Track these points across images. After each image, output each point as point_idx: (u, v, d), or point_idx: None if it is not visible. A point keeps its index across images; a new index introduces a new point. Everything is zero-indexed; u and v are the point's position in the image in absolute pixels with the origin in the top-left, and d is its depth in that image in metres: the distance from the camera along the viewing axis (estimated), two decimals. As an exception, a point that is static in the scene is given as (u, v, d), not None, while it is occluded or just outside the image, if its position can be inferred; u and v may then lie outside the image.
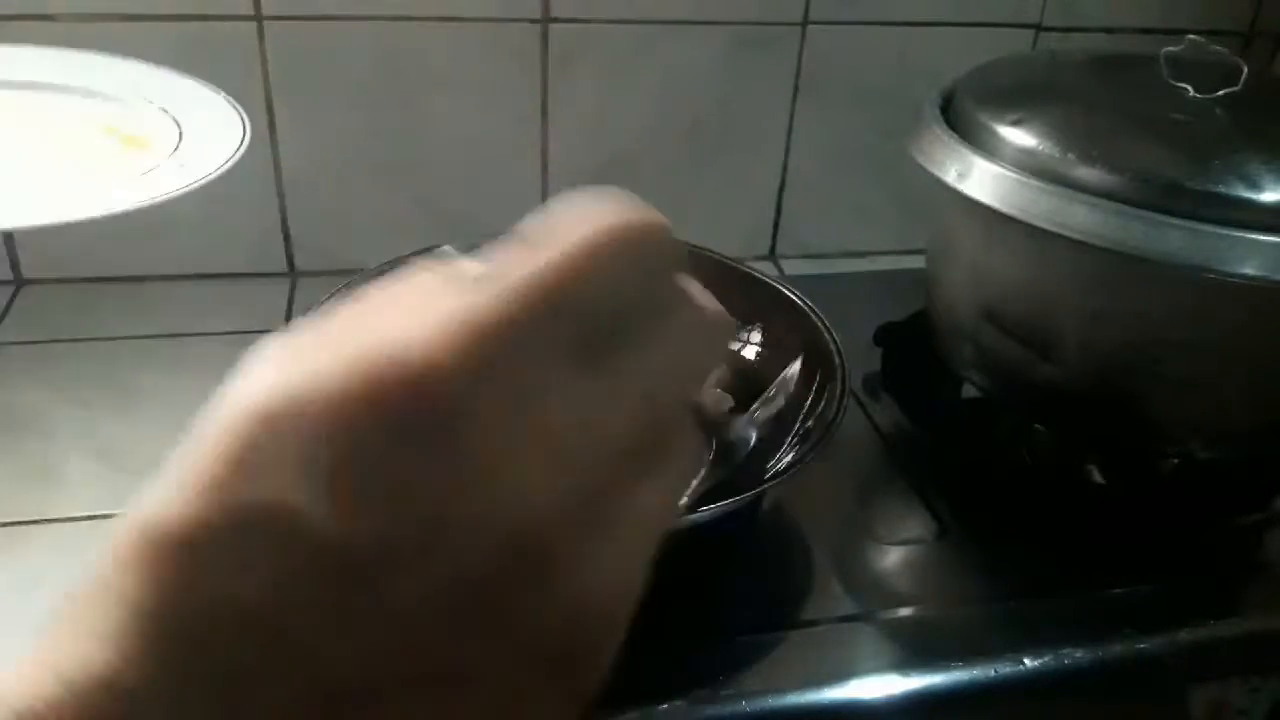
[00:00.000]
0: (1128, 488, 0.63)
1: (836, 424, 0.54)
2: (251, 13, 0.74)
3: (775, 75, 0.85)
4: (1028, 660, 0.51)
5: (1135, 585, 0.56)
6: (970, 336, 0.64)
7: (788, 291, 0.66)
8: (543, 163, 0.84)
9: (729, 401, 0.61)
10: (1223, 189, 0.51)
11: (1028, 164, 0.56)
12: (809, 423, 0.58)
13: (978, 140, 0.59)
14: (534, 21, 0.78)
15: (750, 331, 0.67)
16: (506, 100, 0.81)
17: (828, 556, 0.57)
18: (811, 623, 0.53)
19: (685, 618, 0.52)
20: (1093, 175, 0.54)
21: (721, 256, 0.69)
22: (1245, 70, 0.58)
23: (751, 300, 0.67)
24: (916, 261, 0.73)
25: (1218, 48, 0.60)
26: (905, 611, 0.55)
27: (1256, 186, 0.51)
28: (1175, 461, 0.63)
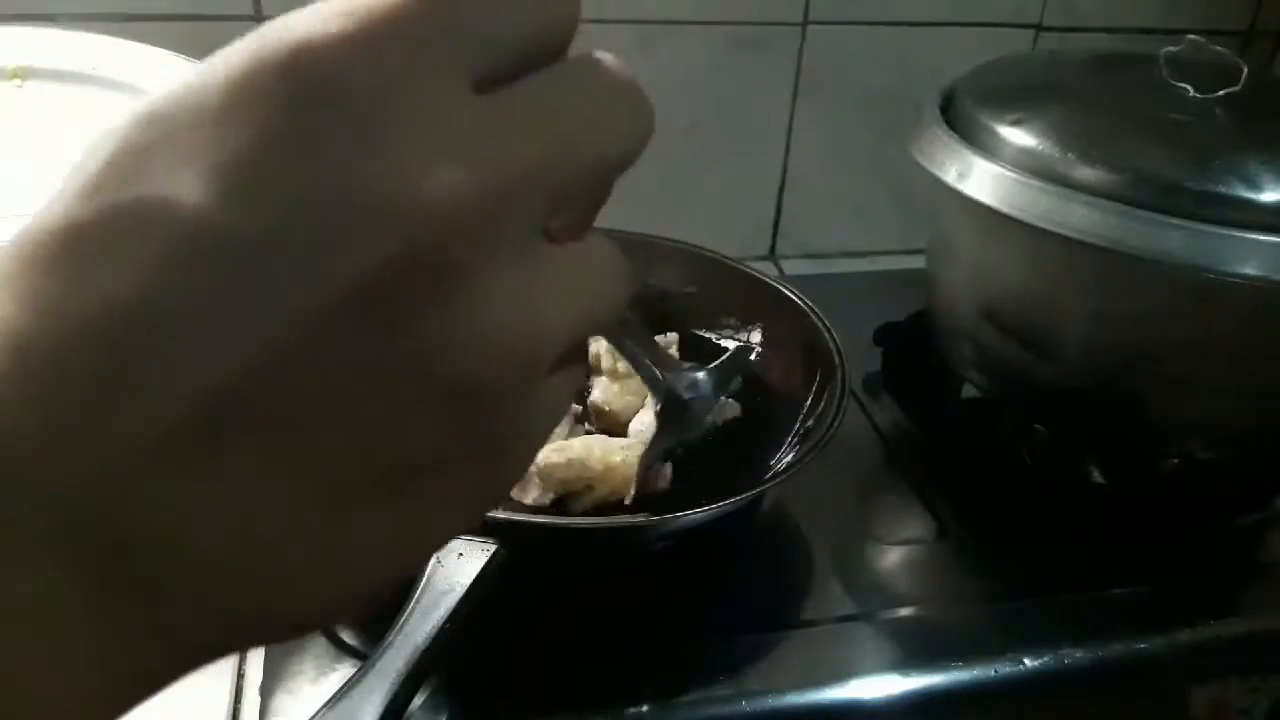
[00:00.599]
0: (1128, 488, 0.63)
1: (836, 424, 0.54)
2: (251, 13, 0.74)
3: (775, 75, 0.85)
4: (1028, 660, 0.51)
5: (1135, 585, 0.56)
6: (970, 336, 0.64)
7: (788, 291, 0.66)
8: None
9: (735, 409, 0.61)
10: (1223, 189, 0.51)
11: (1027, 164, 0.56)
12: (809, 423, 0.58)
13: (978, 140, 0.59)
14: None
15: (750, 331, 0.67)
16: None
17: (828, 556, 0.57)
18: (811, 623, 0.53)
19: (685, 618, 0.52)
20: (1092, 175, 0.54)
21: (721, 256, 0.69)
22: (1245, 70, 0.58)
23: (751, 300, 0.67)
24: (916, 261, 0.73)
25: (1218, 48, 0.60)
26: (905, 611, 0.55)
27: (1256, 186, 0.51)
28: (1175, 461, 0.63)
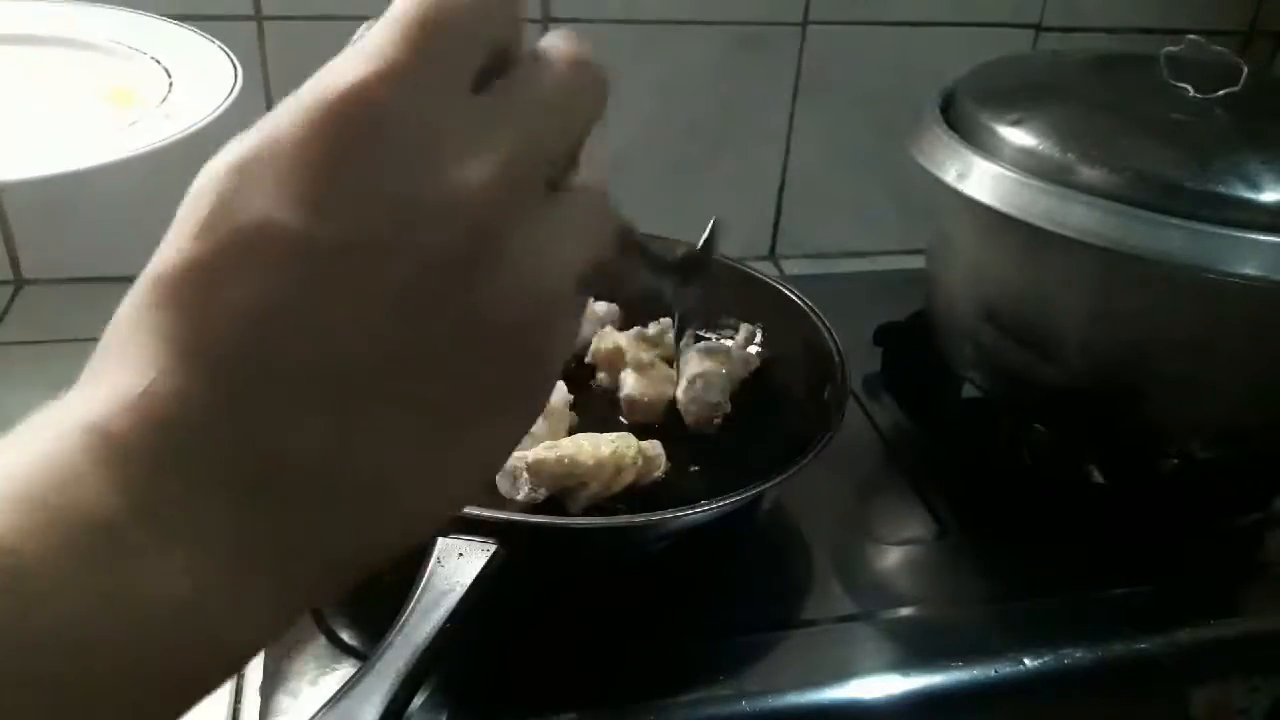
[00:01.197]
0: (1128, 488, 0.63)
1: (836, 424, 0.54)
2: (251, 13, 0.74)
3: (775, 75, 0.85)
4: (1028, 660, 0.51)
5: (1135, 585, 0.56)
6: (970, 336, 0.64)
7: (788, 291, 0.66)
8: (543, 163, 0.84)
9: (726, 407, 0.61)
10: (1223, 189, 0.51)
11: (1027, 164, 0.56)
12: (809, 422, 0.58)
13: (978, 140, 0.59)
14: (534, 21, 0.78)
15: (750, 331, 0.67)
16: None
17: (828, 556, 0.57)
18: (811, 622, 0.53)
19: (685, 618, 0.52)
20: (1092, 175, 0.54)
21: (722, 256, 0.69)
22: (1245, 70, 0.57)
23: (751, 300, 0.67)
24: (916, 261, 0.73)
25: (1218, 48, 0.60)
26: (905, 611, 0.55)
27: (1256, 186, 0.51)
28: (1175, 461, 0.63)
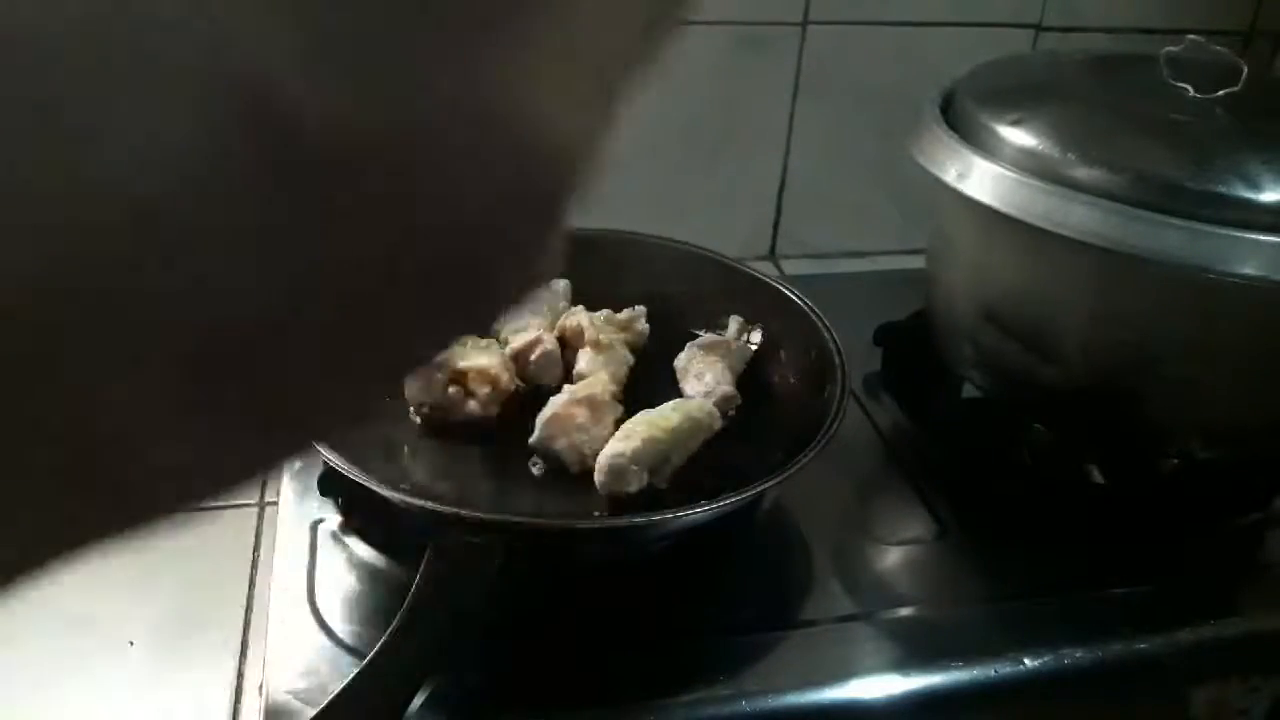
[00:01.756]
0: (1128, 488, 0.63)
1: (836, 424, 0.54)
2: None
3: (775, 75, 0.85)
4: (1028, 660, 0.51)
5: (1135, 585, 0.56)
6: (970, 336, 0.64)
7: (788, 291, 0.66)
8: (543, 163, 0.84)
9: (738, 399, 0.61)
10: (1223, 189, 0.51)
11: (1027, 164, 0.56)
12: (809, 422, 0.58)
13: (977, 140, 0.59)
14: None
15: (750, 331, 0.67)
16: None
17: (828, 556, 0.57)
18: (811, 622, 0.53)
19: (685, 618, 0.52)
20: (1092, 175, 0.54)
21: (721, 256, 0.69)
22: (1245, 70, 0.57)
23: (751, 300, 0.67)
24: (916, 261, 0.73)
25: (1218, 48, 0.60)
26: (905, 611, 0.55)
27: (1256, 186, 0.51)
28: (1175, 461, 0.63)
